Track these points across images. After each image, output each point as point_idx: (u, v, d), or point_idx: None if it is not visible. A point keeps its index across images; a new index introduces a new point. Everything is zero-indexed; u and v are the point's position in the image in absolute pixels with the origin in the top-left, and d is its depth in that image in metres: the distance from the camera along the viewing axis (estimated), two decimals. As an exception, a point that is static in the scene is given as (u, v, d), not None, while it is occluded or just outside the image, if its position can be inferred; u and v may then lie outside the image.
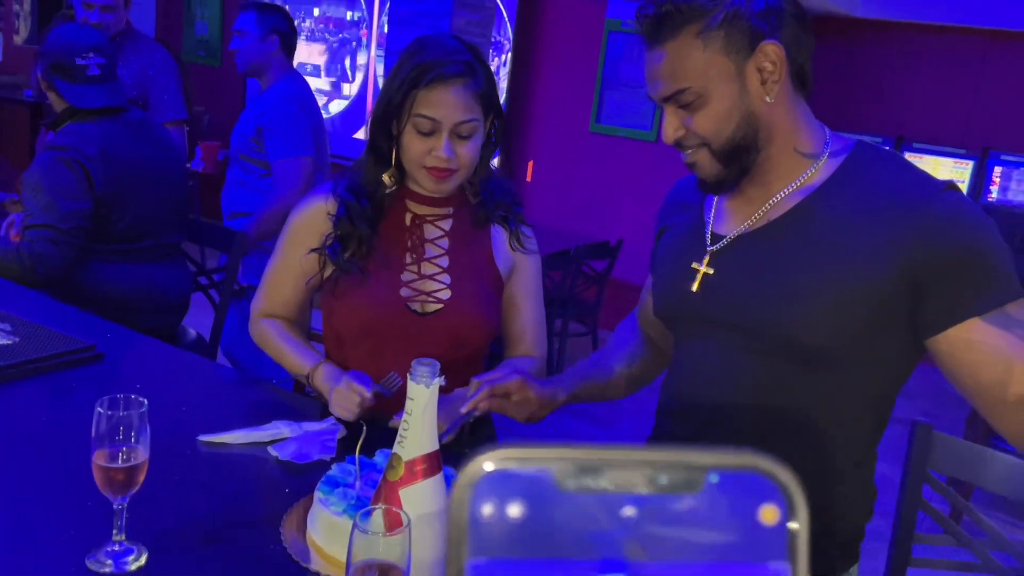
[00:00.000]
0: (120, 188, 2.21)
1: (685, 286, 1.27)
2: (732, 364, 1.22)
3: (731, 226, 1.26)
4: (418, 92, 1.45)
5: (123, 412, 1.03)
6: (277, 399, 1.64)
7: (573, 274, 4.15)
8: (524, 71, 5.75)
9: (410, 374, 0.93)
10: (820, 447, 1.19)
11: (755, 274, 1.19)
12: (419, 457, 0.94)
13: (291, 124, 2.86)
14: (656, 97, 1.20)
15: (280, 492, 1.27)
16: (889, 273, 1.09)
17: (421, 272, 1.55)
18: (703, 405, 1.26)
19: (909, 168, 1.17)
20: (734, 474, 0.29)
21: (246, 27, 2.92)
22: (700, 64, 1.14)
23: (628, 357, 1.54)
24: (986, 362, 1.07)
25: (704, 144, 1.19)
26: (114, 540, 1.05)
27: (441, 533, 0.95)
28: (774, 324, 1.15)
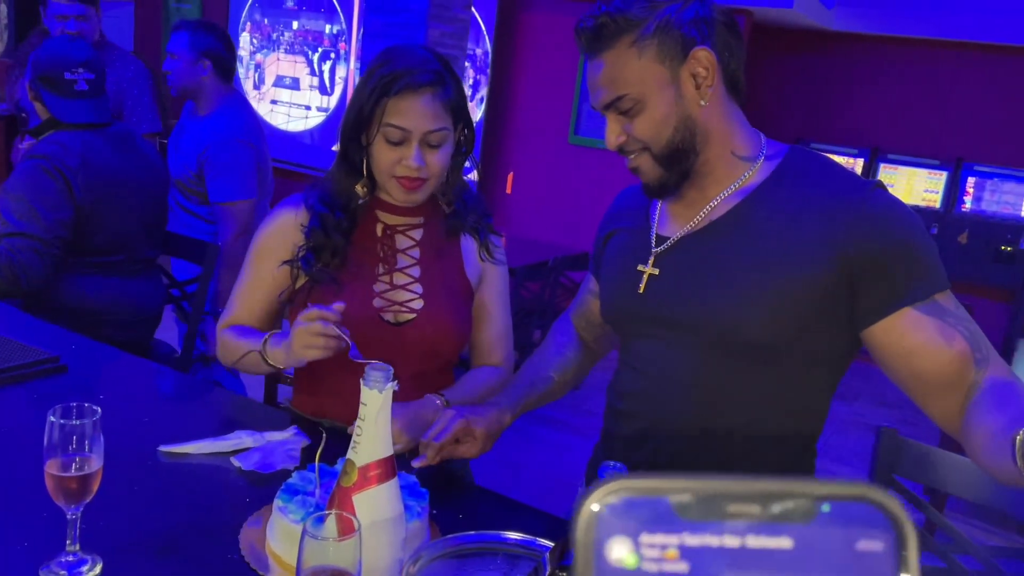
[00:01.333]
0: (99, 200, 2.20)
1: (631, 288, 1.31)
2: (678, 362, 1.26)
3: (674, 228, 1.30)
4: (388, 101, 1.45)
5: (76, 421, 1.02)
6: (240, 410, 1.63)
7: (551, 285, 4.16)
8: (503, 84, 5.78)
9: (363, 379, 0.93)
10: (763, 442, 1.24)
11: (698, 273, 1.23)
12: (373, 463, 0.93)
13: (235, 165, 2.78)
14: (597, 105, 1.25)
15: (241, 502, 1.26)
16: (826, 268, 1.14)
17: (393, 282, 1.55)
18: (650, 404, 1.30)
19: (840, 169, 1.23)
20: (846, 504, 0.29)
21: (177, 49, 2.81)
22: (636, 72, 1.19)
23: (563, 364, 1.57)
24: (918, 349, 1.12)
25: (645, 148, 1.24)
26: (68, 551, 1.04)
27: (394, 538, 0.95)
28: (717, 322, 1.20)
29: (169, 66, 2.85)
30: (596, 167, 5.47)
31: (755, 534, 0.28)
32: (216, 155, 2.77)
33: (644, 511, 0.29)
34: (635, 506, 0.29)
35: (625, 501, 0.29)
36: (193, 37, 2.80)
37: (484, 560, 0.89)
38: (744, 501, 0.29)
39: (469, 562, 0.89)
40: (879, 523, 0.29)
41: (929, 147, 5.38)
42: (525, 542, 0.90)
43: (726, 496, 0.29)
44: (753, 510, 0.29)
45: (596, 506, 0.29)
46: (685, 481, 0.29)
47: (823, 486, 0.29)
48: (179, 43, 2.81)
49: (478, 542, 0.90)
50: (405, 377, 1.51)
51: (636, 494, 0.29)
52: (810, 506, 0.29)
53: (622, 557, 0.28)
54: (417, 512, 1.12)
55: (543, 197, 5.69)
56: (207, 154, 2.78)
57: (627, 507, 0.29)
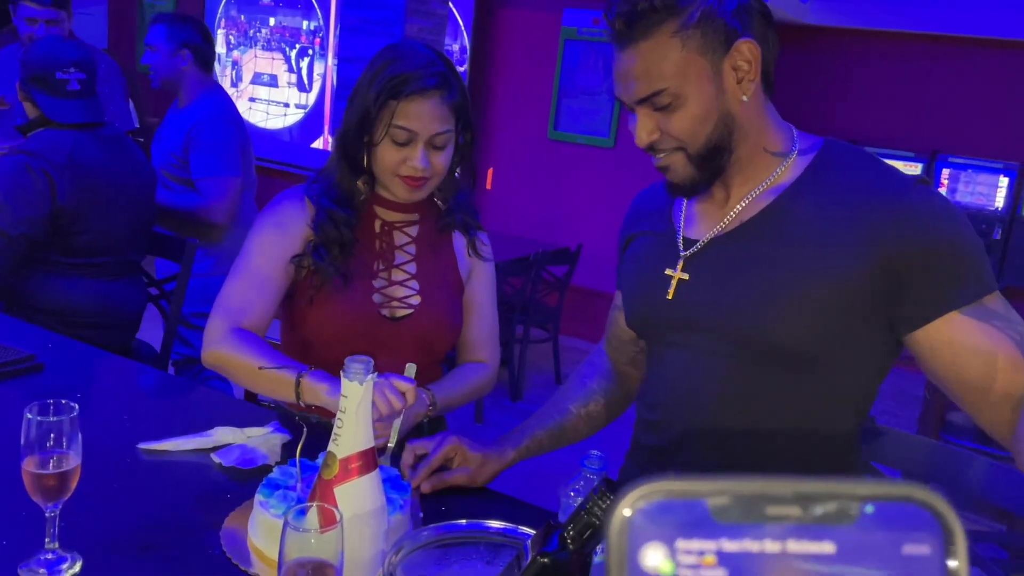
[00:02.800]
0: (85, 201, 2.18)
1: (659, 294, 1.24)
2: (710, 370, 1.19)
3: (703, 229, 1.23)
4: (397, 104, 1.44)
5: (53, 418, 1.02)
6: (220, 406, 1.62)
7: (533, 280, 4.17)
8: (482, 79, 5.77)
9: (343, 371, 0.93)
10: (803, 449, 1.17)
11: (731, 277, 1.17)
12: (354, 455, 0.93)
13: (220, 142, 2.78)
14: (629, 100, 1.16)
15: (222, 498, 1.26)
16: (866, 270, 1.08)
17: (391, 278, 1.56)
18: (682, 413, 1.23)
19: (879, 164, 1.16)
20: (891, 505, 0.28)
21: (156, 42, 2.81)
22: (677, 64, 1.11)
23: (585, 396, 1.48)
24: (966, 356, 1.06)
25: (680, 148, 1.16)
26: (47, 548, 1.04)
27: (376, 530, 0.95)
28: (752, 327, 1.13)
29: (148, 59, 2.84)
30: (576, 162, 5.47)
31: (796, 538, 0.27)
32: (201, 133, 2.76)
33: (679, 515, 0.27)
34: (670, 510, 0.27)
35: (659, 505, 0.27)
36: (171, 29, 2.80)
37: (466, 549, 0.89)
38: (784, 503, 0.27)
39: (452, 552, 0.89)
40: (926, 524, 0.27)
41: (904, 139, 5.43)
42: (506, 531, 0.90)
43: (765, 498, 0.28)
44: (794, 512, 0.27)
45: (628, 511, 0.27)
46: (722, 483, 0.28)
47: (866, 486, 0.28)
48: (157, 35, 2.81)
49: (460, 532, 0.90)
50: (398, 371, 1.51)
51: (671, 497, 0.28)
52: (853, 508, 0.27)
53: (657, 564, 0.27)
54: (399, 505, 1.12)
55: (523, 192, 5.69)
56: (192, 133, 2.77)
57: (661, 511, 0.27)
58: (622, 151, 5.32)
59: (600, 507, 0.74)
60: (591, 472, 0.99)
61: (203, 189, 2.77)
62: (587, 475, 0.99)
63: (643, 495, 0.28)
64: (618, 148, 5.32)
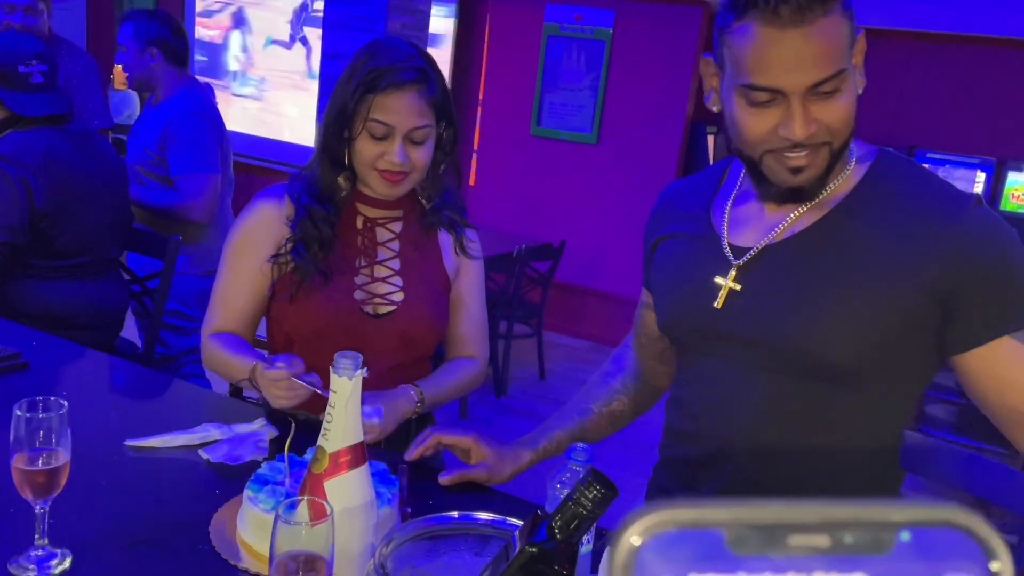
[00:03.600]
0: (62, 202, 2.15)
1: (705, 302, 1.19)
2: (753, 383, 1.16)
3: (751, 238, 1.18)
4: (374, 97, 1.46)
5: (42, 414, 1.02)
6: (207, 402, 1.62)
7: (517, 276, 4.19)
8: (464, 75, 5.77)
9: (333, 367, 0.94)
10: (843, 465, 1.16)
11: (781, 291, 1.13)
12: (343, 449, 0.94)
13: (197, 138, 2.74)
14: (799, 87, 1.03)
15: (210, 494, 1.26)
16: (919, 290, 1.05)
17: (374, 275, 1.57)
18: (721, 426, 1.20)
19: (934, 180, 1.12)
20: (929, 531, 0.25)
21: (125, 40, 2.77)
22: (844, 45, 1.04)
23: (608, 395, 1.46)
24: (1014, 382, 1.06)
25: (826, 142, 1.07)
26: (36, 544, 1.04)
27: (366, 523, 0.96)
28: (803, 343, 1.10)
29: (120, 59, 2.81)
30: (559, 158, 5.49)
31: (824, 570, 0.25)
32: (177, 129, 2.73)
33: (693, 545, 0.25)
34: (682, 539, 0.25)
35: (670, 534, 0.25)
36: (138, 27, 2.76)
37: (455, 541, 0.91)
38: (810, 531, 0.25)
39: (441, 543, 0.91)
40: (968, 551, 0.25)
41: (883, 134, 5.49)
42: (495, 522, 0.92)
43: (788, 526, 0.25)
44: (821, 541, 0.25)
45: (636, 539, 0.25)
46: (740, 509, 0.25)
47: (901, 510, 0.25)
48: (125, 34, 2.78)
49: (449, 523, 0.92)
50: (383, 369, 1.52)
51: (683, 525, 0.25)
52: (887, 535, 0.25)
53: None
54: (388, 498, 1.14)
55: (506, 189, 5.70)
56: (169, 129, 2.73)
57: (673, 541, 0.25)
58: (605, 147, 5.34)
59: (587, 497, 0.76)
60: (577, 464, 1.01)
61: (181, 187, 2.75)
62: (573, 467, 1.01)
63: (652, 523, 0.25)
64: (601, 144, 5.35)
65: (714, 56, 1.13)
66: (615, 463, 3.66)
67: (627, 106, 5.23)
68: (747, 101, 1.06)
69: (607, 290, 5.38)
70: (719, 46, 1.10)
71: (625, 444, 1.51)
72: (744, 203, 1.21)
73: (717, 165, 1.34)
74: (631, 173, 5.29)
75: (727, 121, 1.13)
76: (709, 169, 1.36)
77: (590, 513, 0.77)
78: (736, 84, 1.07)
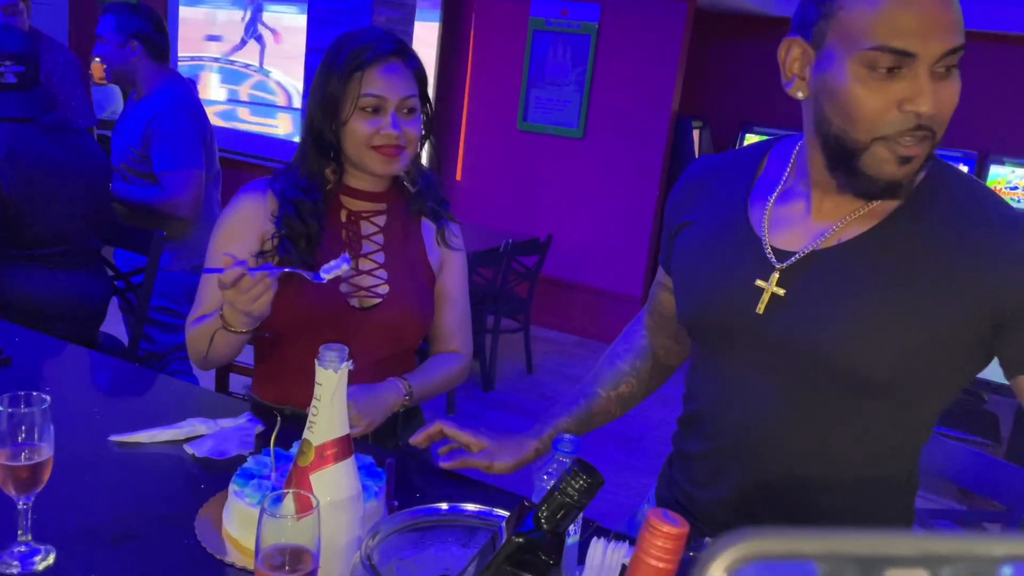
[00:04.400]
0: (30, 191, 2.15)
1: (745, 305, 1.12)
2: (782, 388, 1.11)
3: (795, 240, 1.12)
4: (362, 74, 1.48)
5: (24, 409, 1.01)
6: (192, 397, 1.61)
7: (504, 271, 4.18)
8: (450, 70, 5.76)
9: (318, 359, 0.93)
10: (861, 470, 1.13)
11: (831, 299, 1.07)
12: (329, 442, 0.94)
13: (181, 134, 2.73)
14: (933, 52, 0.96)
15: (196, 489, 1.26)
16: (973, 308, 1.01)
17: (359, 268, 1.56)
18: (740, 426, 1.16)
19: (985, 192, 1.08)
20: None
21: (105, 33, 2.75)
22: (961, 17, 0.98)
23: (616, 378, 1.42)
24: None
25: (931, 134, 1.00)
26: (20, 540, 1.03)
27: (352, 516, 0.96)
28: (848, 355, 1.05)
29: (99, 51, 2.79)
30: (545, 153, 5.49)
31: None
32: (160, 125, 2.71)
33: None
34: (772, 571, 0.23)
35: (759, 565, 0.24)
36: (119, 20, 2.74)
37: (442, 532, 0.91)
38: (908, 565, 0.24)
39: (427, 535, 0.91)
40: None
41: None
42: (481, 513, 0.92)
43: (885, 559, 0.24)
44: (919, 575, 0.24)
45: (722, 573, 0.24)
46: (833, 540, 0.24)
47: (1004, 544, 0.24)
48: (106, 26, 2.75)
49: (436, 515, 0.91)
50: (370, 362, 1.52)
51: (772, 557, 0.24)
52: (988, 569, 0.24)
53: None
54: (375, 492, 1.14)
55: (493, 184, 5.69)
56: (152, 126, 2.71)
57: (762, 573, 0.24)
58: (591, 141, 5.35)
59: (573, 487, 0.76)
60: (564, 455, 1.01)
61: (166, 183, 2.74)
62: (560, 458, 1.01)
63: (739, 555, 0.23)
64: (587, 139, 5.35)
65: (805, 34, 1.04)
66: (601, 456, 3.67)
67: (613, 101, 5.24)
68: (869, 70, 0.96)
69: (594, 285, 5.39)
70: (818, 19, 1.01)
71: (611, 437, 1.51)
72: (788, 201, 1.14)
73: (753, 149, 1.26)
74: (618, 167, 5.30)
75: (827, 104, 1.02)
76: (744, 152, 1.27)
77: (577, 503, 0.77)
78: (856, 50, 0.97)
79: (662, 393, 1.54)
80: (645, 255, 5.27)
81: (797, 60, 1.06)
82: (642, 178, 5.25)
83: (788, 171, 1.17)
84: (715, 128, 5.84)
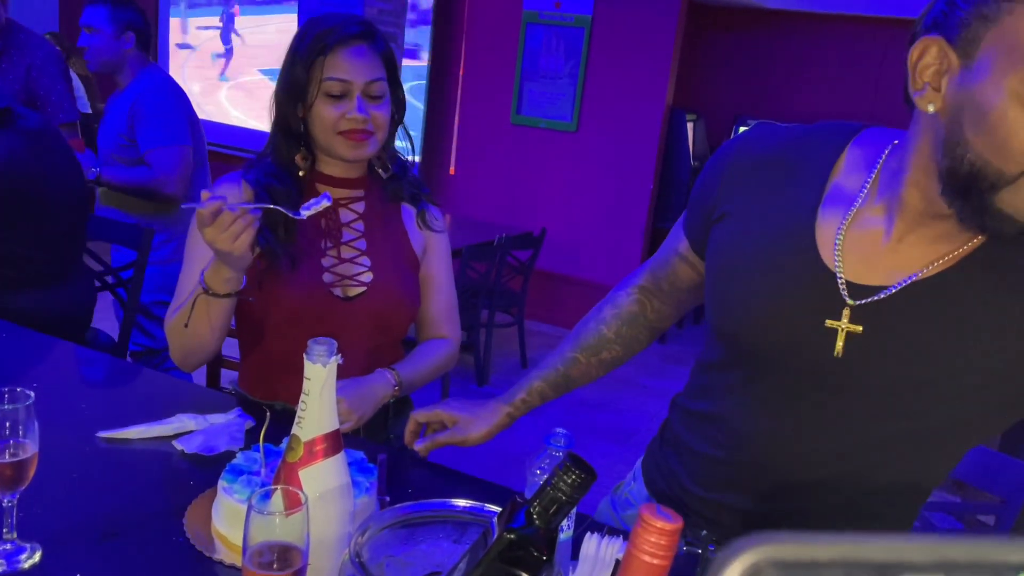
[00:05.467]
0: (12, 209, 2.05)
1: (819, 345, 1.00)
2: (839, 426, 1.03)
3: (875, 274, 0.99)
4: (325, 58, 1.46)
5: (8, 406, 0.99)
6: (181, 393, 1.60)
7: (498, 264, 4.17)
8: (443, 64, 5.73)
9: (307, 353, 0.92)
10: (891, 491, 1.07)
11: (905, 345, 0.97)
12: (318, 437, 0.92)
13: (164, 112, 2.73)
14: None
15: (185, 485, 1.24)
16: None
17: (341, 256, 1.54)
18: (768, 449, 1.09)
19: None
20: None
21: (97, 23, 2.74)
22: None
23: (598, 344, 1.33)
24: None
25: None
26: (4, 539, 1.02)
27: (342, 512, 0.94)
28: (925, 400, 0.97)
29: (87, 41, 2.76)
30: (539, 146, 5.47)
31: None
32: (144, 105, 2.71)
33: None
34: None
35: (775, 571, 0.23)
36: (113, 11, 2.73)
37: (433, 528, 0.89)
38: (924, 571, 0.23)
39: (418, 531, 0.89)
40: None
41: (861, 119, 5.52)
42: (473, 509, 0.91)
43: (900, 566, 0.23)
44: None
45: None
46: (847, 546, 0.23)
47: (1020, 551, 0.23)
48: (98, 17, 2.73)
49: (426, 511, 0.90)
50: (360, 352, 1.50)
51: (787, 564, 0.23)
52: None
53: None
54: (366, 488, 1.12)
55: (487, 177, 5.67)
56: (136, 107, 2.71)
57: None
58: (585, 135, 5.33)
59: (566, 482, 0.75)
60: (556, 449, 1.00)
61: (152, 161, 2.72)
62: (552, 452, 1.00)
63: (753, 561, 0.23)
64: (581, 132, 5.33)
65: (949, 37, 0.87)
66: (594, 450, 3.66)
67: (607, 94, 5.22)
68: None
69: (588, 278, 5.38)
70: (971, 21, 0.85)
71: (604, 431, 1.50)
72: (865, 226, 1.00)
73: (826, 134, 1.09)
74: (611, 161, 5.28)
75: (969, 125, 0.86)
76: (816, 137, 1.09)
77: (569, 498, 0.75)
78: (1022, 67, 0.82)
79: (656, 387, 1.53)
80: (639, 248, 5.26)
81: (932, 67, 0.89)
82: (636, 171, 5.23)
83: (870, 186, 1.01)
84: (709, 121, 5.83)
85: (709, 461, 1.16)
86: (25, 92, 2.91)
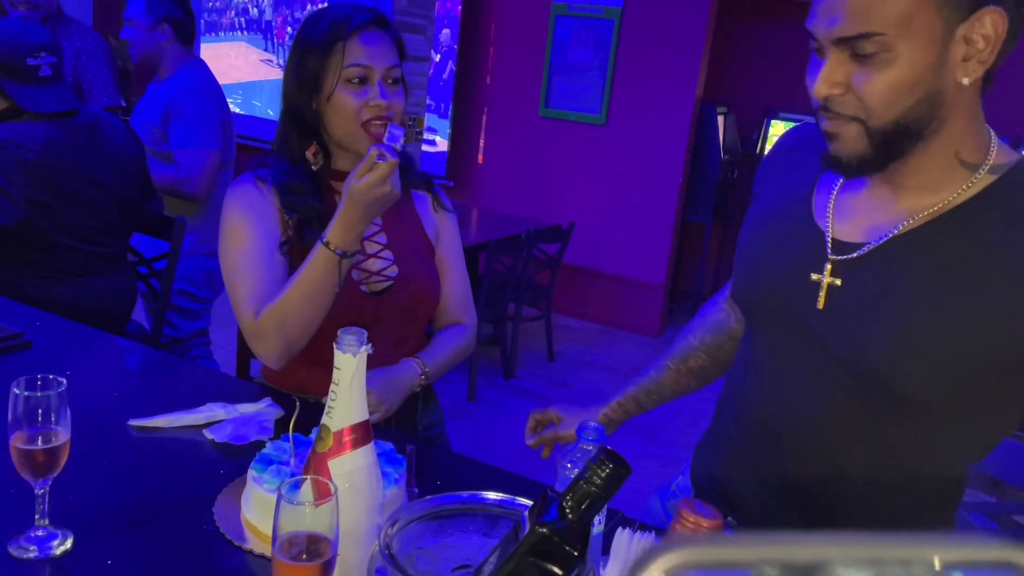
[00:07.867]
0: (56, 199, 2.09)
1: (804, 298, 1.06)
2: (828, 397, 1.06)
3: (853, 231, 1.05)
4: (344, 44, 1.44)
5: (41, 393, 1.00)
6: (211, 382, 1.60)
7: (525, 258, 4.16)
8: (472, 56, 5.72)
9: (336, 343, 0.91)
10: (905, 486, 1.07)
11: (872, 303, 1.00)
12: (347, 427, 0.92)
13: (199, 113, 2.74)
14: (826, 36, 0.93)
15: (215, 474, 1.25)
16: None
17: (365, 251, 1.53)
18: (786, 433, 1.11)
19: None
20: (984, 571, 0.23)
21: (135, 16, 2.76)
22: (905, 10, 0.88)
23: (684, 351, 1.38)
24: None
25: (857, 118, 0.95)
26: (37, 525, 1.02)
27: (371, 503, 0.94)
28: (873, 367, 0.99)
29: (127, 34, 2.80)
30: (567, 139, 5.44)
31: None
32: (180, 104, 2.73)
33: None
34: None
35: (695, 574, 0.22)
36: (150, 3, 2.75)
37: (463, 521, 0.88)
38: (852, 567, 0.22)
39: (448, 523, 0.88)
40: None
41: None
42: (504, 502, 0.89)
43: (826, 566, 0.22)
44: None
45: None
46: (771, 547, 0.23)
47: (952, 548, 0.23)
48: (136, 9, 2.77)
49: (457, 503, 0.89)
50: (388, 344, 1.50)
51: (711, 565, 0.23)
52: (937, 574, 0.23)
53: None
54: (395, 479, 1.12)
55: (515, 170, 5.66)
56: (172, 104, 2.73)
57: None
58: (614, 128, 5.29)
59: (599, 476, 0.73)
60: (588, 443, 0.98)
61: (180, 160, 2.74)
62: (584, 447, 0.98)
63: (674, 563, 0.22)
64: (610, 125, 5.29)
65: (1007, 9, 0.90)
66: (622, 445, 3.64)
67: (636, 86, 5.17)
68: None
69: (616, 273, 5.35)
70: None
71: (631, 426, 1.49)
72: (857, 189, 1.07)
73: None
74: (640, 154, 5.24)
75: None
76: None
77: (602, 492, 0.74)
78: None
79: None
80: (668, 243, 5.22)
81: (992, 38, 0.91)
82: (665, 165, 5.19)
83: None
84: (740, 114, 5.76)
85: (726, 440, 1.22)
86: (72, 78, 2.95)
